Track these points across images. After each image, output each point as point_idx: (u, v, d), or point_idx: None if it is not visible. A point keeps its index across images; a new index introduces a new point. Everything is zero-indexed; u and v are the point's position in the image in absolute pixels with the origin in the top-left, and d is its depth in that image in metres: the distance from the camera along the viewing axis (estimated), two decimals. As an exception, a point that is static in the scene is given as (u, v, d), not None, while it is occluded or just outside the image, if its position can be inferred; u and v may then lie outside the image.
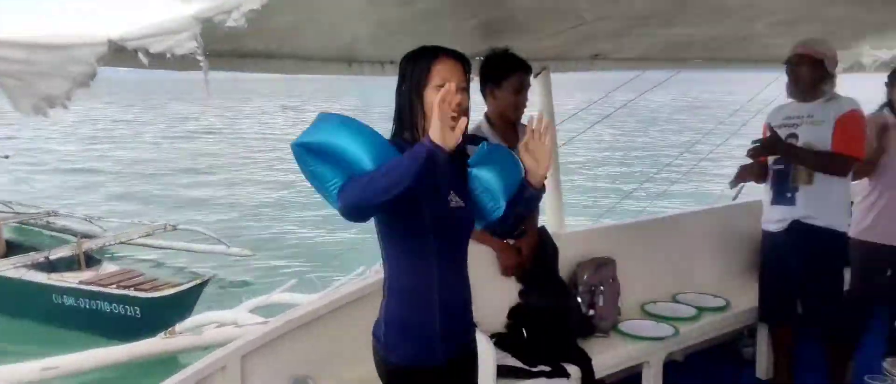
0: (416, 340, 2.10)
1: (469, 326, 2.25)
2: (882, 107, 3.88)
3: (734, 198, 5.47)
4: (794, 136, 3.54)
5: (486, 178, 2.16)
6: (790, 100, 3.66)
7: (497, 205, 2.18)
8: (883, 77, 3.97)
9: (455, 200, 2.11)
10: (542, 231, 3.60)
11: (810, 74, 3.51)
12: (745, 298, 4.08)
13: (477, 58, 3.21)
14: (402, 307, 2.11)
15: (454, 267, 2.15)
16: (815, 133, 3.49)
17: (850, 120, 3.45)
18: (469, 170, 2.18)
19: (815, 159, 3.48)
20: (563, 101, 5.63)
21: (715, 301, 4.09)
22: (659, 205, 7.56)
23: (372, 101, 36.73)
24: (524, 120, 3.40)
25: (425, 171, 1.82)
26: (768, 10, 3.39)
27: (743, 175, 3.79)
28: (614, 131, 25.49)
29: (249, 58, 2.78)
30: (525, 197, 2.16)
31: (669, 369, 3.76)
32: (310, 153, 1.94)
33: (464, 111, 1.99)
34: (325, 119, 1.98)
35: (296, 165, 1.99)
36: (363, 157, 1.89)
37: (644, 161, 19.51)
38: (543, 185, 2.16)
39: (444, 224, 2.08)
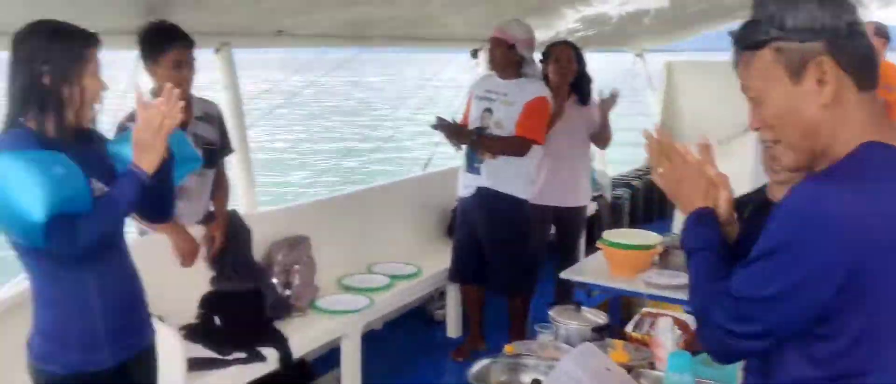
0: (77, 347, 1.92)
1: (141, 324, 2.10)
2: None
3: (424, 167, 5.78)
4: (490, 110, 3.89)
5: (126, 160, 1.94)
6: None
7: None
8: None
9: (99, 188, 1.90)
10: (234, 214, 3.48)
11: (503, 57, 3.85)
12: (435, 262, 4.32)
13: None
14: (58, 317, 1.92)
15: (112, 264, 1.98)
16: (507, 112, 3.84)
17: (536, 107, 3.83)
18: (110, 151, 1.98)
19: (497, 147, 3.84)
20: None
21: (407, 268, 4.28)
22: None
23: None
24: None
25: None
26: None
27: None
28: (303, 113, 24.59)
29: None
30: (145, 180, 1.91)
31: (368, 339, 3.87)
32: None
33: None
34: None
35: None
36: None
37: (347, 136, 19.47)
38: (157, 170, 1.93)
39: None
